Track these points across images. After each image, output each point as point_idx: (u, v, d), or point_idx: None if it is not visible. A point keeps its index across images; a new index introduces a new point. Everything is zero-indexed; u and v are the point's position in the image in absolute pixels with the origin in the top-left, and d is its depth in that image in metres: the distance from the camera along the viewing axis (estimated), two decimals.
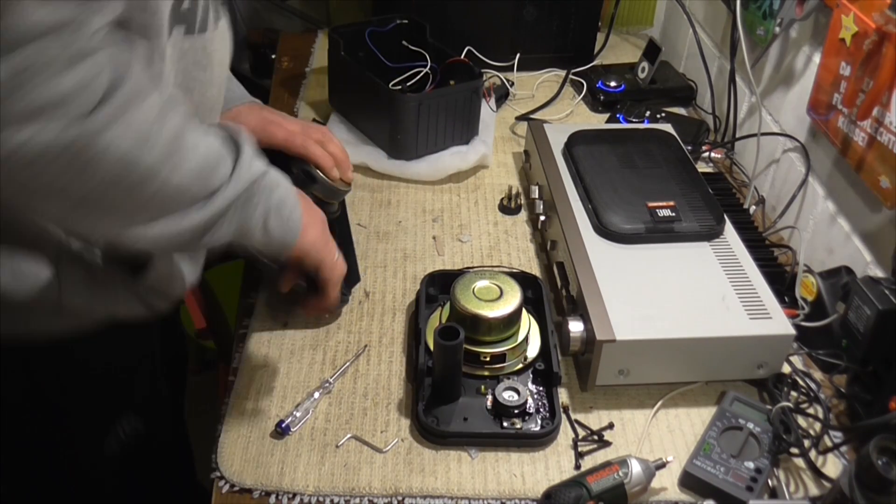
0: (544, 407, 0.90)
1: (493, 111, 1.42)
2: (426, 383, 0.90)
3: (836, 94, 1.03)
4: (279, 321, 1.01)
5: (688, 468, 0.83)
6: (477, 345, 0.92)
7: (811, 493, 0.83)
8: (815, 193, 1.14)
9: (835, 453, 0.86)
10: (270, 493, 0.82)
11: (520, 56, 1.56)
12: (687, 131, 1.35)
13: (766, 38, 1.22)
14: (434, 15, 1.40)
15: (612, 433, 0.89)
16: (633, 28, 1.77)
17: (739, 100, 1.35)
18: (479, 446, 0.86)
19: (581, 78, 1.55)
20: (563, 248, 1.03)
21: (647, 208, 1.05)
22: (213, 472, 0.84)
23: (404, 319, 1.02)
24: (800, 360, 0.98)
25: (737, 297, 0.94)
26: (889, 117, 0.93)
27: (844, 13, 1.00)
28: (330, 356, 0.96)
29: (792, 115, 1.20)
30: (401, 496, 0.82)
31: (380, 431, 0.88)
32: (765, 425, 0.87)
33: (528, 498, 0.82)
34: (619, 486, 0.79)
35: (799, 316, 0.99)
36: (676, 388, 0.94)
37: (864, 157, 0.98)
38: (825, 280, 1.00)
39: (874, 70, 0.94)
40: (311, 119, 1.41)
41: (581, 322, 0.91)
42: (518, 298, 0.92)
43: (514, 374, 0.93)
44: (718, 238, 1.03)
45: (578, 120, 1.47)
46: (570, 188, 1.12)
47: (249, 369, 0.94)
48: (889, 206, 0.95)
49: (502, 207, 1.22)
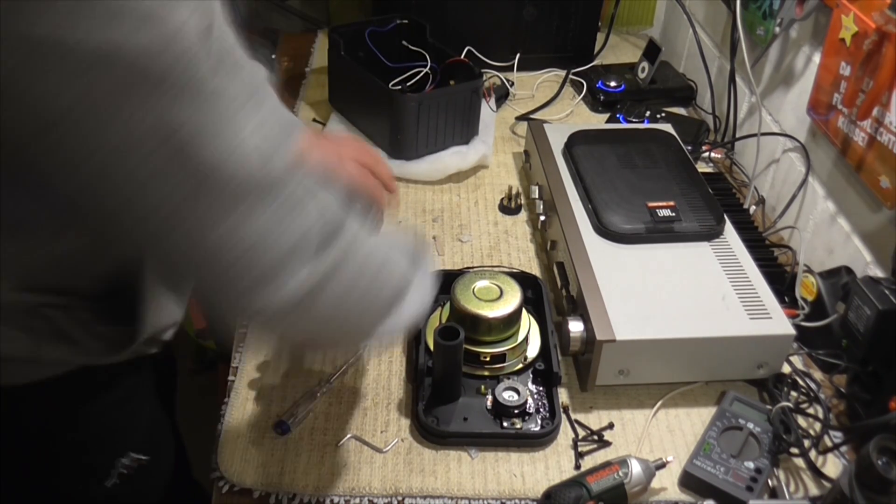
0: (544, 407, 0.90)
1: (493, 111, 1.42)
2: (426, 383, 0.90)
3: (836, 94, 1.03)
4: None
5: (688, 468, 0.83)
6: (477, 345, 0.92)
7: (811, 493, 0.83)
8: (815, 193, 1.14)
9: (835, 453, 0.86)
10: (270, 493, 0.82)
11: (520, 56, 1.56)
12: (687, 131, 1.35)
13: (766, 38, 1.22)
14: (434, 15, 1.40)
15: (612, 433, 0.89)
16: (633, 28, 1.77)
17: (739, 100, 1.35)
18: (479, 446, 0.86)
19: (581, 78, 1.55)
20: (563, 248, 1.03)
21: (647, 208, 1.05)
22: (213, 472, 0.84)
23: None
24: (800, 360, 0.98)
25: (737, 297, 0.94)
26: (889, 117, 0.93)
27: (844, 13, 1.00)
28: (330, 356, 0.96)
29: (792, 115, 1.20)
30: (401, 496, 0.82)
31: (380, 431, 0.88)
32: (765, 425, 0.87)
33: (528, 498, 0.82)
34: (619, 486, 0.79)
35: (799, 316, 0.99)
36: (676, 388, 0.94)
37: (864, 157, 0.98)
38: (825, 280, 1.00)
39: (874, 70, 0.94)
40: (311, 119, 1.41)
41: (581, 322, 0.91)
42: (518, 298, 0.92)
43: (514, 374, 0.93)
44: (718, 238, 1.03)
45: (578, 120, 1.47)
46: (570, 188, 1.12)
47: (249, 369, 0.94)
48: (889, 206, 0.95)
49: (502, 207, 1.22)
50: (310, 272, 0.58)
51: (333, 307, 0.62)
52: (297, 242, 0.57)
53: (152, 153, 0.50)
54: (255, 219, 0.54)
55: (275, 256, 0.56)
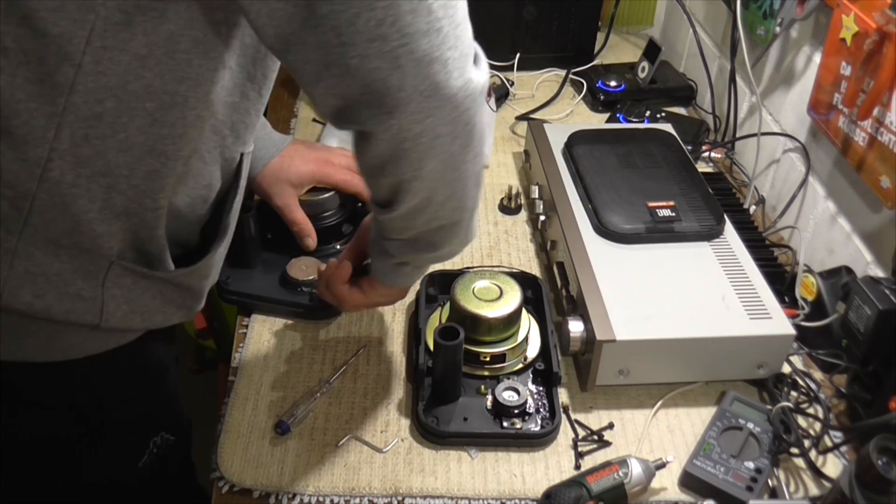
0: (544, 407, 0.90)
1: (493, 111, 1.42)
2: (426, 383, 0.90)
3: (837, 94, 1.03)
4: (279, 321, 1.01)
5: (688, 468, 0.83)
6: (477, 345, 0.92)
7: (811, 493, 0.83)
8: (815, 193, 1.13)
9: (835, 453, 0.86)
10: (270, 494, 0.82)
11: (520, 56, 1.56)
12: (687, 131, 1.35)
13: (767, 38, 1.22)
14: None
15: (612, 433, 0.89)
16: (633, 28, 1.77)
17: (739, 100, 1.35)
18: (479, 446, 0.86)
19: (581, 78, 1.54)
20: (563, 248, 1.03)
21: (647, 208, 1.05)
22: (213, 472, 0.84)
23: (404, 319, 1.02)
24: (800, 360, 0.98)
25: (737, 297, 0.94)
26: (889, 117, 0.93)
27: (845, 13, 1.00)
28: (330, 356, 0.96)
29: (792, 114, 1.20)
30: (401, 496, 0.82)
31: (380, 431, 0.88)
32: (765, 425, 0.87)
33: (528, 498, 0.82)
34: (619, 486, 0.79)
35: (799, 316, 0.99)
36: (676, 388, 0.94)
37: (865, 157, 0.98)
38: (825, 280, 1.00)
39: (875, 70, 0.94)
40: (311, 119, 1.41)
41: (581, 322, 0.91)
42: (518, 298, 0.92)
43: (514, 374, 0.93)
44: (718, 238, 1.03)
45: (578, 120, 1.47)
46: (570, 188, 1.12)
47: (249, 369, 0.94)
48: (889, 206, 0.94)
49: (502, 207, 1.22)
50: (479, 75, 0.65)
51: (484, 124, 0.68)
52: (471, 42, 0.64)
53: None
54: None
55: (469, 42, 0.63)
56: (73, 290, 0.72)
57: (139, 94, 0.65)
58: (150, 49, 0.63)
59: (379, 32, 0.57)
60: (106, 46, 0.62)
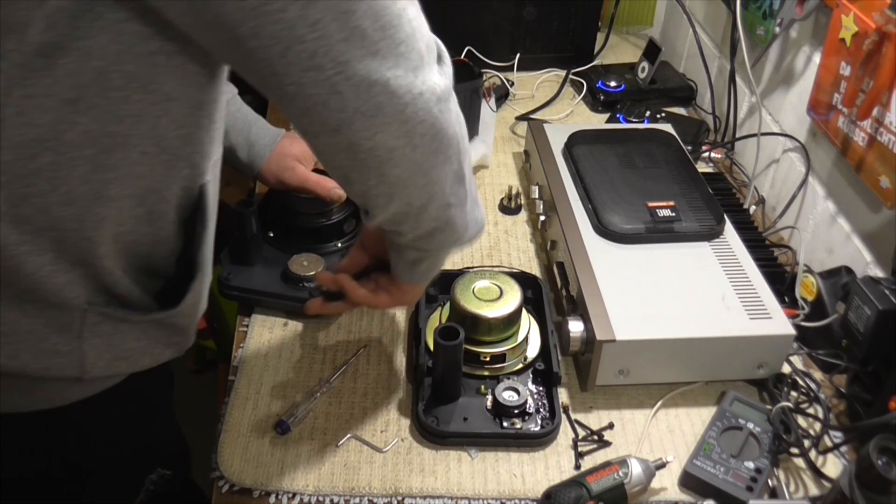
0: (544, 407, 0.90)
1: (493, 111, 1.42)
2: (426, 383, 0.90)
3: (837, 94, 1.03)
4: (279, 321, 1.01)
5: (688, 468, 0.83)
6: (477, 345, 0.92)
7: (811, 493, 0.83)
8: (815, 193, 1.14)
9: (835, 453, 0.86)
10: (270, 493, 0.82)
11: (520, 56, 1.56)
12: (687, 131, 1.35)
13: (766, 38, 1.22)
14: (434, 15, 1.38)
15: (612, 433, 0.89)
16: (633, 28, 1.77)
17: (739, 100, 1.35)
18: (479, 446, 0.86)
19: (581, 78, 1.55)
20: (563, 248, 1.03)
21: (647, 208, 1.05)
22: (213, 471, 0.84)
23: (404, 319, 1.02)
24: (800, 360, 0.98)
25: (737, 297, 0.94)
26: (889, 117, 0.93)
27: (844, 13, 1.00)
28: (330, 356, 0.96)
29: (792, 115, 1.20)
30: (401, 496, 0.82)
31: (380, 431, 0.88)
32: (765, 425, 0.87)
33: (528, 498, 0.82)
34: (619, 486, 0.79)
35: (799, 316, 0.99)
36: (676, 388, 0.94)
37: (865, 157, 0.98)
38: (825, 280, 1.00)
39: (874, 70, 0.94)
40: None
41: (581, 322, 0.91)
42: (518, 298, 0.92)
43: (514, 374, 0.93)
44: (718, 238, 1.03)
45: (578, 120, 1.47)
46: (570, 188, 1.12)
47: (249, 369, 0.94)
48: (889, 206, 0.95)
49: (502, 207, 1.22)
50: (440, 76, 0.63)
51: (454, 124, 0.66)
52: (430, 41, 0.63)
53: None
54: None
55: (424, 44, 0.61)
56: (48, 346, 0.69)
57: (77, 142, 0.60)
58: (80, 91, 0.58)
59: (312, 63, 0.55)
60: (28, 95, 0.57)
